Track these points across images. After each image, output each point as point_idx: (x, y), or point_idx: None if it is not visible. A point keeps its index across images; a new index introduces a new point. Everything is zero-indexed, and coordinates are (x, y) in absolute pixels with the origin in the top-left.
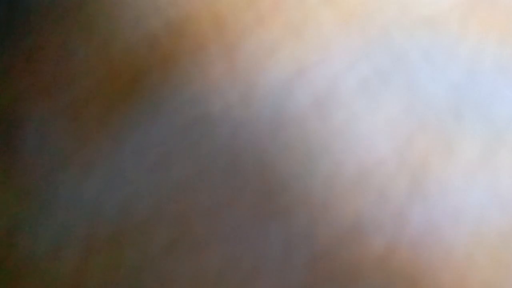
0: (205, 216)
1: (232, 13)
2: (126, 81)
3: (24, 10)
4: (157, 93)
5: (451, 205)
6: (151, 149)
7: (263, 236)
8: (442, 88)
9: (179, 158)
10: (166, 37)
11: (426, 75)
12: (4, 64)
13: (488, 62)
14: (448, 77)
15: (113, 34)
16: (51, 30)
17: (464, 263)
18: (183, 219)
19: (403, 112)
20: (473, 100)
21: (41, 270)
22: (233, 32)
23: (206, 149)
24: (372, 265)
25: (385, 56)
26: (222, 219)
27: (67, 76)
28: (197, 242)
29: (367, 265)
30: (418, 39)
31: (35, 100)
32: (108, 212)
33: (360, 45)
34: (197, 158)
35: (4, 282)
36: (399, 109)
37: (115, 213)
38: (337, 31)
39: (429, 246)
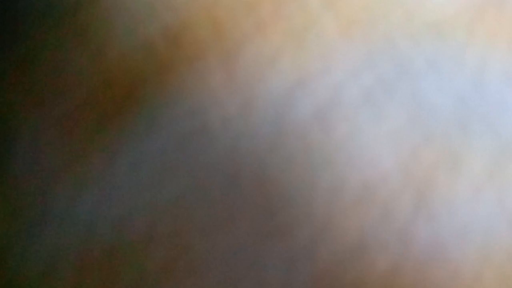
0: (203, 234)
1: (231, 19)
2: (120, 91)
3: (15, 16)
4: (153, 104)
5: (457, 221)
6: (147, 163)
7: (264, 254)
8: (448, 98)
9: (176, 173)
10: (163, 45)
11: (431, 85)
12: None
13: (496, 71)
14: (455, 87)
15: (108, 41)
16: (43, 37)
17: (472, 282)
18: (180, 237)
19: (408, 124)
20: (480, 111)
21: None
22: (232, 39)
23: (204, 163)
24: (376, 285)
25: (389, 65)
26: (221, 237)
27: (60, 86)
28: (194, 261)
29: (371, 285)
30: (424, 46)
31: (26, 112)
32: (102, 230)
33: (363, 53)
34: (194, 172)
35: None
36: (403, 121)
37: (109, 231)
38: (340, 39)
39: (435, 264)
